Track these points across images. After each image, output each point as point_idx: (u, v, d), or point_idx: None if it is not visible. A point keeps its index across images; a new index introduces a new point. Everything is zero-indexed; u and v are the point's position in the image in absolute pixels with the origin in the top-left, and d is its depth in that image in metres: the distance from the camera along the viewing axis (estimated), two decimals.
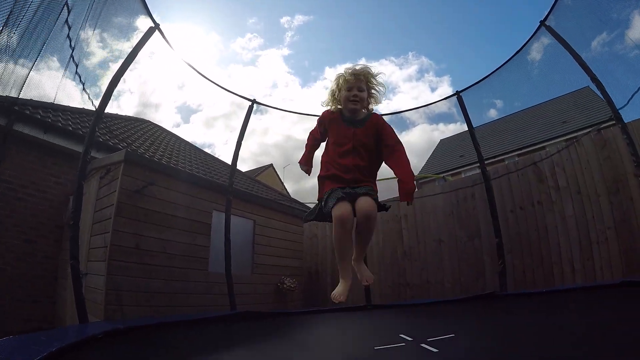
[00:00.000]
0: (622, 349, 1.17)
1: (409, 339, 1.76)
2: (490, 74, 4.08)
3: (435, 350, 1.51)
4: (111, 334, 2.09)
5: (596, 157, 3.69)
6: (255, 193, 7.33)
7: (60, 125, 4.95)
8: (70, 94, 3.25)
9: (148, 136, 8.00)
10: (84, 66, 3.12)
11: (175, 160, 7.16)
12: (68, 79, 3.07)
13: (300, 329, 2.71)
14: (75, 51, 2.96)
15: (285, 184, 20.01)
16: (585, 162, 3.78)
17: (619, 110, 3.07)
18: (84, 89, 3.16)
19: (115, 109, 8.17)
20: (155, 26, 3.35)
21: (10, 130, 4.33)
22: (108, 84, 3.08)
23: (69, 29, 2.83)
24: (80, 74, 3.10)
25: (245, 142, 4.62)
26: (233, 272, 4.20)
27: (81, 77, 3.12)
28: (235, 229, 4.59)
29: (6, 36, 2.31)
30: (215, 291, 4.34)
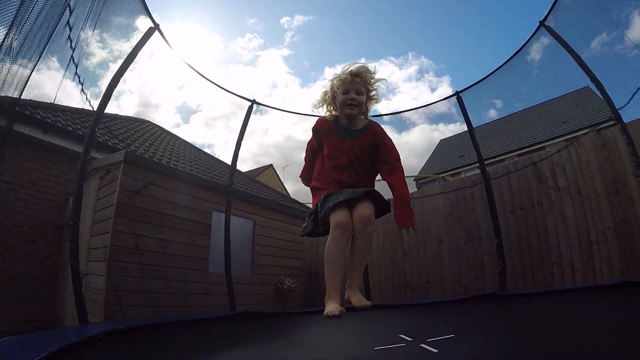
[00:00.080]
0: (622, 349, 1.17)
1: (409, 339, 1.76)
2: (490, 74, 4.08)
3: (435, 350, 1.51)
4: (111, 334, 2.10)
5: (596, 157, 3.69)
6: (255, 193, 7.33)
7: (60, 125, 4.95)
8: (70, 94, 3.26)
9: (148, 136, 8.00)
10: (83, 66, 3.13)
11: (175, 161, 7.16)
12: (68, 79, 3.07)
13: (300, 329, 2.70)
14: (75, 51, 2.97)
15: (285, 184, 20.05)
16: (585, 162, 3.78)
17: (618, 111, 3.07)
18: (83, 90, 3.16)
19: (115, 109, 8.18)
20: (155, 26, 3.36)
21: (10, 131, 4.33)
22: (108, 84, 3.08)
23: (70, 30, 2.84)
24: (80, 74, 3.10)
25: (245, 143, 4.64)
26: (233, 273, 4.20)
27: (81, 78, 3.12)
28: (235, 229, 4.60)
29: (10, 38, 2.31)
30: (215, 291, 4.34)
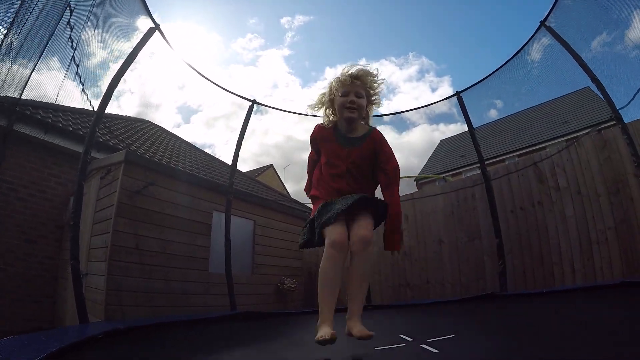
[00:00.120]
0: (622, 349, 1.17)
1: (409, 340, 1.76)
2: (491, 74, 4.08)
3: (435, 350, 1.51)
4: (111, 334, 2.10)
5: (596, 158, 3.69)
6: (256, 193, 7.33)
7: (60, 125, 4.96)
8: (71, 94, 3.26)
9: (148, 136, 8.01)
10: (84, 66, 3.13)
11: (176, 161, 7.16)
12: (69, 79, 3.07)
13: (301, 329, 2.70)
14: (76, 51, 2.97)
15: (286, 185, 20.08)
16: (585, 163, 3.78)
17: (619, 111, 3.07)
18: (84, 90, 3.16)
19: (116, 109, 8.20)
20: (156, 26, 3.36)
21: (11, 131, 4.34)
22: (108, 84, 3.08)
23: (71, 30, 2.84)
24: (80, 74, 3.11)
25: (246, 143, 4.63)
26: (233, 273, 4.20)
27: (81, 78, 3.13)
28: (236, 230, 4.59)
29: (10, 37, 2.31)
30: (215, 291, 4.35)
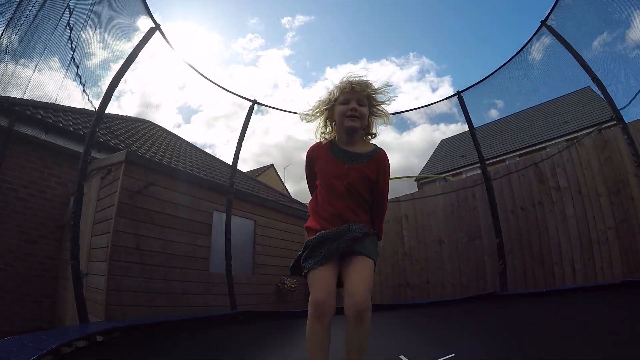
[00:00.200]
0: (622, 349, 1.17)
1: None
2: (491, 74, 4.08)
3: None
4: (111, 334, 2.10)
5: (597, 158, 3.68)
6: (256, 193, 7.33)
7: (61, 125, 4.96)
8: (72, 94, 3.25)
9: (149, 136, 8.01)
10: (84, 66, 3.13)
11: (176, 161, 7.16)
12: (69, 79, 3.07)
13: (301, 330, 2.70)
14: (77, 51, 2.97)
15: (286, 185, 20.06)
16: (586, 163, 3.77)
17: (620, 111, 3.07)
18: (84, 90, 3.16)
19: (116, 109, 8.20)
20: (156, 26, 3.36)
21: (11, 131, 4.35)
22: (109, 85, 3.09)
23: (71, 31, 2.84)
24: (81, 74, 3.11)
25: (246, 143, 4.64)
26: (234, 273, 4.21)
27: (82, 78, 3.13)
28: (236, 229, 4.60)
29: (8, 37, 2.31)
30: (215, 291, 4.35)
